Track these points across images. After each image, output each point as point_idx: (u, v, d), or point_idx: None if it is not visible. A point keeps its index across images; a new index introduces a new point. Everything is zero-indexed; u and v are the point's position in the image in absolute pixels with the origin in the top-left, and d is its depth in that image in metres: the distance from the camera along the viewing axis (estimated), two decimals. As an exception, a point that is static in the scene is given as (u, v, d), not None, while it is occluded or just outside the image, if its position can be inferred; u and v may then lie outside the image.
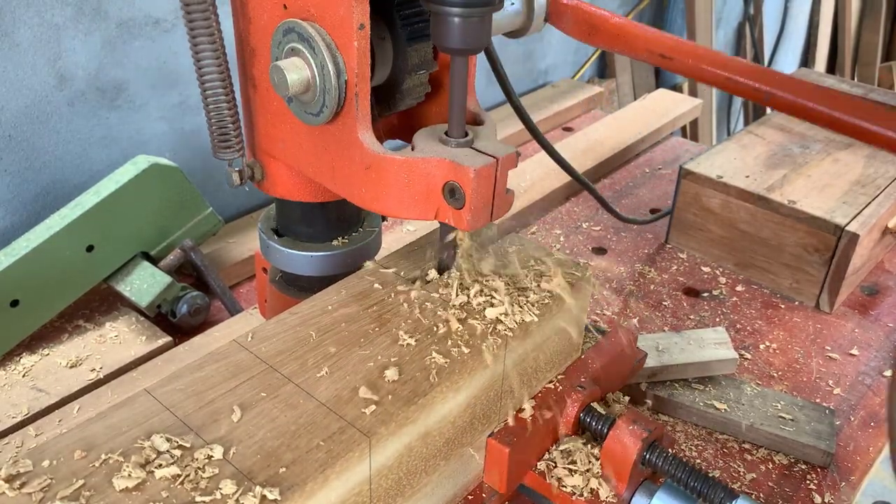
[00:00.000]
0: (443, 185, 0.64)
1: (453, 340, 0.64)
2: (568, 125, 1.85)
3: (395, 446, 0.57)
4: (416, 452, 0.60)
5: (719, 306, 1.22)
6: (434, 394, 0.58)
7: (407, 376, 0.59)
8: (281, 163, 0.76)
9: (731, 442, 0.97)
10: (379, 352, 0.62)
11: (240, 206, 1.43)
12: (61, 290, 1.06)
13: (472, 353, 0.63)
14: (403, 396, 0.57)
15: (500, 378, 0.67)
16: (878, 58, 3.62)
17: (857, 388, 1.07)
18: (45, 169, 1.16)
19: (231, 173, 0.77)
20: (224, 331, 1.09)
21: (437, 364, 0.61)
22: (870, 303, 1.25)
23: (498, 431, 0.65)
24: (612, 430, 0.68)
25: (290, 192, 0.78)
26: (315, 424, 0.53)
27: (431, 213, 0.66)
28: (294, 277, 0.84)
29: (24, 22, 1.06)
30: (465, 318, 0.66)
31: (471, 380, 0.63)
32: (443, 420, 0.61)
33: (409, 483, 0.60)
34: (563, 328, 0.72)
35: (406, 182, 0.65)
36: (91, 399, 0.97)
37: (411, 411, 0.57)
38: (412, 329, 0.65)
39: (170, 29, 1.22)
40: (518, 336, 0.66)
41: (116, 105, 1.21)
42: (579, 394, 0.70)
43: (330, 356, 0.61)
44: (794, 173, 1.29)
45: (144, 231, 1.11)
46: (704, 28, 2.63)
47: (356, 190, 0.69)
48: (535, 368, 0.71)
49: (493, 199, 0.64)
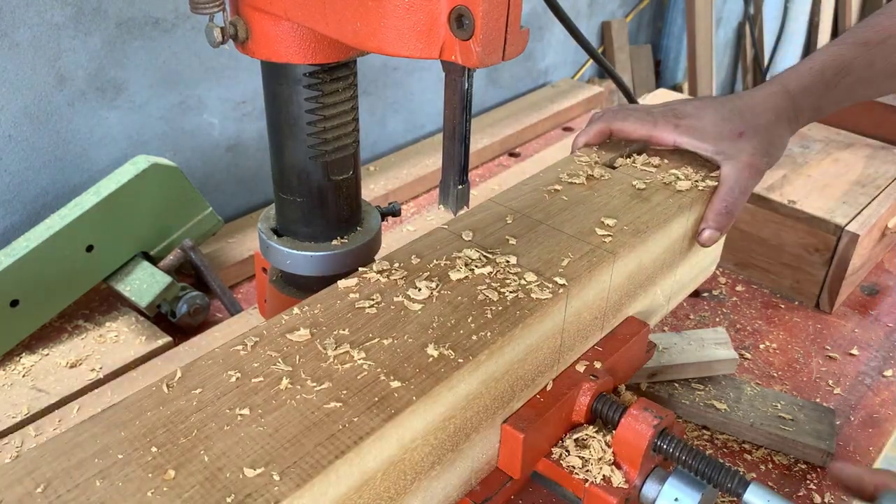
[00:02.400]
0: (449, 13, 0.57)
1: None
2: (568, 125, 1.85)
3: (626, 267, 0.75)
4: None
5: (719, 306, 1.22)
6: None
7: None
8: (267, 15, 0.69)
9: (731, 442, 0.97)
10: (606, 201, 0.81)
11: (240, 206, 1.43)
12: (61, 290, 1.06)
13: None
14: (629, 232, 0.76)
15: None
16: (878, 58, 3.62)
17: (857, 388, 1.07)
18: (45, 169, 1.16)
19: (212, 29, 0.70)
20: (224, 331, 1.09)
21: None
22: (870, 303, 1.25)
23: (511, 417, 0.67)
24: (624, 418, 0.68)
25: (276, 51, 0.71)
26: (572, 246, 0.72)
27: (435, 48, 0.59)
28: (293, 277, 0.84)
29: (24, 22, 1.06)
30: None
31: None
32: None
33: (624, 304, 0.79)
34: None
35: (407, 8, 0.58)
36: (91, 399, 0.97)
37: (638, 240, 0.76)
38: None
39: (170, 29, 1.22)
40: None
41: (116, 105, 1.21)
42: (593, 383, 0.71)
43: (564, 208, 0.79)
44: (793, 173, 1.29)
45: (144, 231, 1.11)
46: (704, 28, 2.63)
47: (350, 26, 0.62)
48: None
49: (506, 30, 0.58)
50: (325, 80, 0.73)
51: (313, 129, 0.75)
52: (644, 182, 0.84)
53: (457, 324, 0.62)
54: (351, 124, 0.78)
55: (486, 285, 0.66)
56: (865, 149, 1.38)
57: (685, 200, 0.81)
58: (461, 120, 0.65)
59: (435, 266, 0.69)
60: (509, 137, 1.70)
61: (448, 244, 0.72)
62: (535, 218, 0.77)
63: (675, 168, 0.87)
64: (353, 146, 0.79)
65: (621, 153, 0.91)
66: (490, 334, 0.61)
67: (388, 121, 1.68)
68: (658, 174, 0.86)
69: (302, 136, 0.75)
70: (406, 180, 1.50)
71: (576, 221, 0.76)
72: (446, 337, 0.60)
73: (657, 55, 2.72)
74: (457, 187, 0.69)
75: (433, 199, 1.51)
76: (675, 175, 0.85)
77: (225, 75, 1.32)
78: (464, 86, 0.63)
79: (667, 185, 0.83)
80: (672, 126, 0.87)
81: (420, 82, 1.70)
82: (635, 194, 0.82)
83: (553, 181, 0.84)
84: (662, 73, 2.75)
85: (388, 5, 0.59)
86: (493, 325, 0.62)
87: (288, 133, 0.76)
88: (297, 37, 0.70)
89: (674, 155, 0.90)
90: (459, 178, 0.68)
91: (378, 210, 0.88)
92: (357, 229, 0.84)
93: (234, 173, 1.41)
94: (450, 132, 0.67)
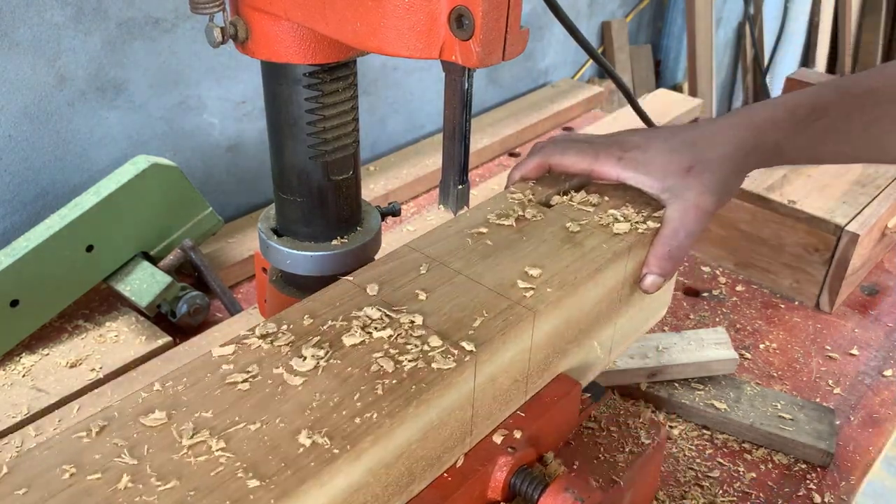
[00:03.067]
0: (449, 13, 0.57)
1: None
2: (568, 125, 1.85)
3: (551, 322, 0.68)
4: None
5: (719, 306, 1.22)
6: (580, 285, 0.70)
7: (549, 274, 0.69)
8: (266, 15, 0.69)
9: (731, 442, 0.97)
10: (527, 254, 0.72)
11: (240, 206, 1.43)
12: (61, 290, 1.06)
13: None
14: (555, 284, 0.68)
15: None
16: (878, 58, 3.62)
17: (857, 388, 1.07)
18: (45, 169, 1.16)
19: (212, 29, 0.69)
20: (224, 331, 1.09)
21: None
22: (870, 302, 1.25)
23: (411, 502, 0.59)
24: (542, 498, 0.62)
25: (276, 51, 0.71)
26: (488, 303, 0.65)
27: (435, 48, 0.59)
28: (293, 277, 0.84)
29: (24, 21, 1.06)
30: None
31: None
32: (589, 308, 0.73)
33: (552, 363, 0.71)
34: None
35: (407, 8, 0.58)
36: (91, 399, 0.97)
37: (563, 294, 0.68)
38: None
39: (170, 29, 1.22)
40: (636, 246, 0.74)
41: (116, 105, 1.21)
42: (510, 456, 0.63)
43: (487, 255, 0.71)
44: (793, 173, 1.29)
45: (144, 231, 1.11)
46: (704, 28, 2.64)
47: (349, 26, 0.62)
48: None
49: (505, 30, 0.57)
50: (325, 79, 0.73)
51: (313, 129, 0.75)
52: (579, 224, 0.75)
53: (340, 402, 0.53)
54: (351, 124, 0.78)
55: (384, 352, 0.58)
56: (865, 149, 1.38)
57: (622, 246, 0.72)
58: (461, 120, 0.65)
59: (329, 328, 0.61)
60: (509, 137, 1.70)
61: (349, 300, 0.64)
62: (453, 267, 0.69)
63: (614, 207, 0.78)
64: (353, 146, 0.79)
65: (559, 189, 0.82)
66: (377, 416, 0.52)
67: (388, 121, 1.68)
68: (595, 214, 0.77)
69: (302, 136, 0.75)
70: (406, 180, 1.50)
71: (497, 271, 0.68)
72: (325, 420, 0.52)
73: (657, 55, 2.72)
74: (457, 187, 0.68)
75: (433, 199, 1.51)
76: (613, 216, 0.76)
77: (225, 75, 1.32)
78: (464, 85, 0.63)
79: (604, 228, 0.75)
80: (615, 159, 0.77)
81: (420, 82, 1.70)
82: (567, 238, 0.73)
83: (480, 222, 0.75)
84: (662, 73, 2.75)
85: (387, 5, 0.59)
86: (381, 404, 0.53)
87: (288, 133, 0.76)
88: (296, 37, 0.69)
89: (616, 191, 0.81)
90: (459, 177, 0.68)
91: (378, 210, 0.88)
92: (357, 229, 0.84)
93: (235, 173, 1.41)
94: (450, 132, 0.66)
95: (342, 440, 0.50)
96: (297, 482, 0.47)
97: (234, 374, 0.55)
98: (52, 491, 0.46)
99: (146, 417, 0.51)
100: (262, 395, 0.54)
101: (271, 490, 0.46)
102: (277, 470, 0.47)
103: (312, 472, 0.47)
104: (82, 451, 0.49)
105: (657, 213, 0.77)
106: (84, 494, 0.46)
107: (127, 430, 0.50)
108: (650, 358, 1.00)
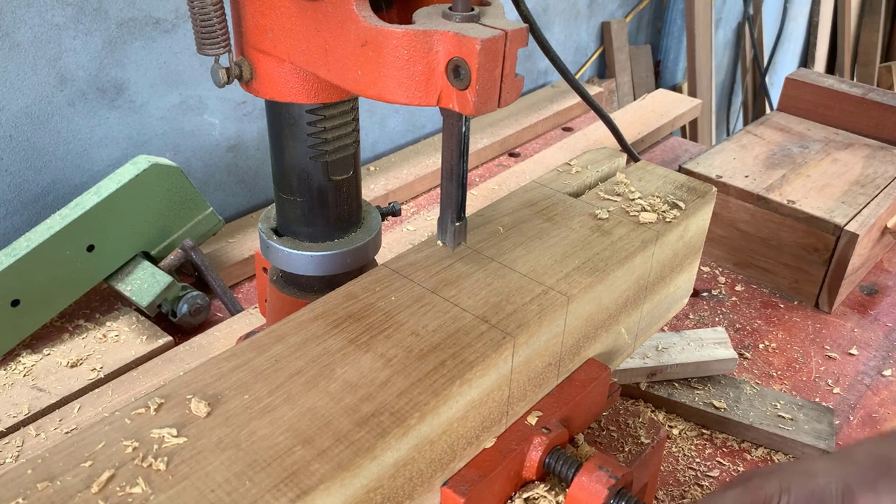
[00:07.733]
0: (446, 64, 0.59)
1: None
2: (568, 125, 1.85)
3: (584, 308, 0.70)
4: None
5: (719, 306, 1.22)
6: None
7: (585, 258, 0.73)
8: (271, 57, 0.71)
9: (731, 441, 0.97)
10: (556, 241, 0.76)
11: (240, 206, 1.44)
12: (62, 289, 1.06)
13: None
14: (586, 271, 0.71)
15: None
16: (878, 58, 3.63)
17: (857, 388, 1.07)
18: (46, 169, 1.16)
19: (217, 70, 0.71)
20: (224, 331, 1.09)
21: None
22: (869, 302, 1.25)
23: (452, 478, 0.61)
24: (577, 476, 0.64)
25: (280, 91, 0.73)
26: (523, 288, 0.67)
27: (433, 97, 0.61)
28: (294, 277, 0.85)
29: (24, 22, 1.06)
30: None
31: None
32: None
33: (583, 347, 0.74)
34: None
35: (406, 59, 0.60)
36: (92, 398, 0.98)
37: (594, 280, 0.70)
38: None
39: (170, 29, 1.23)
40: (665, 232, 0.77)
41: (116, 105, 1.21)
42: (545, 436, 0.65)
43: (518, 243, 0.75)
44: (793, 173, 1.29)
45: (145, 231, 1.11)
46: (704, 28, 2.64)
47: (351, 73, 0.64)
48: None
49: (500, 79, 0.59)
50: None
51: (313, 130, 0.75)
52: (608, 212, 0.79)
53: (387, 381, 0.57)
54: (351, 124, 0.78)
55: (426, 334, 0.62)
56: (864, 149, 1.38)
57: (650, 234, 0.76)
58: (458, 162, 0.67)
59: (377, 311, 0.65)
60: (509, 137, 1.70)
61: (387, 285, 0.69)
62: (487, 254, 0.73)
63: (640, 198, 0.83)
64: (353, 146, 0.79)
65: (587, 180, 0.87)
66: (423, 394, 0.56)
67: (388, 121, 1.68)
68: (623, 204, 0.81)
69: (302, 136, 0.76)
70: (406, 180, 1.50)
71: (529, 259, 0.72)
72: (374, 397, 0.56)
73: (657, 55, 2.72)
74: (454, 224, 0.70)
75: (433, 199, 1.51)
76: (640, 205, 0.81)
77: (225, 75, 1.33)
78: (461, 129, 0.65)
79: (631, 217, 0.79)
80: None
81: (420, 82, 1.70)
82: (596, 227, 0.77)
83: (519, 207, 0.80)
84: (662, 73, 2.75)
85: (387, 56, 0.61)
86: (427, 383, 0.57)
87: (288, 133, 0.76)
88: (300, 78, 0.71)
89: (642, 182, 0.86)
90: (457, 216, 0.70)
91: (378, 210, 0.88)
92: (357, 229, 0.84)
93: (235, 173, 1.41)
94: (447, 173, 0.68)
95: (391, 416, 0.53)
96: (352, 455, 0.50)
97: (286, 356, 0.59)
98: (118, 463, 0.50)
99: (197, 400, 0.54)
100: (312, 374, 0.57)
101: (328, 462, 0.50)
102: (331, 444, 0.51)
103: (366, 447, 0.51)
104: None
105: (681, 202, 0.82)
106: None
107: (180, 409, 0.54)
108: (650, 357, 1.00)
